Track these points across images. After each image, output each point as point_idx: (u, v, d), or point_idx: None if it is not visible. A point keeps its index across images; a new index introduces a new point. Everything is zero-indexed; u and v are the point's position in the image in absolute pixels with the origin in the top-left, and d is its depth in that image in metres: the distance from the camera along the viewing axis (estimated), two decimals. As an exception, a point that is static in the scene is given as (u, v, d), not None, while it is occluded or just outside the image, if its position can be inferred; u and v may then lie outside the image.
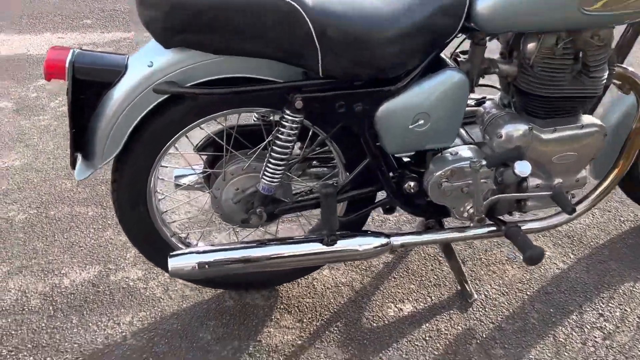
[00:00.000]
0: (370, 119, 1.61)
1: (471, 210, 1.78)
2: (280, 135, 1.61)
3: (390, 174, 1.77)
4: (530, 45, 1.66)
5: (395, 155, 1.76)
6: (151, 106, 1.55)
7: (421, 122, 1.62)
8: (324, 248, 1.74)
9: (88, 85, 1.54)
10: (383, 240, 1.79)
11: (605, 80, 1.71)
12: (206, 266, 1.68)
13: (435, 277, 2.18)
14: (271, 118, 1.81)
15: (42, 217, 2.50)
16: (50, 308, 2.05)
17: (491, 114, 1.81)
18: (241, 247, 1.72)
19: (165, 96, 1.54)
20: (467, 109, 1.89)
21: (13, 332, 1.95)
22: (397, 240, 1.81)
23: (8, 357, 1.87)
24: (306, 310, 2.04)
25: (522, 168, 1.70)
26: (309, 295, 2.09)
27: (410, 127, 1.62)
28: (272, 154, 1.64)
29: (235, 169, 1.76)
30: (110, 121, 1.55)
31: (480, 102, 2.02)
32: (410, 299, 2.08)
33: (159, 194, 1.84)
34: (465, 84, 1.62)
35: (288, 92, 1.54)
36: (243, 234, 2.26)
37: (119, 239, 2.35)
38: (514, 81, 1.75)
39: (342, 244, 1.74)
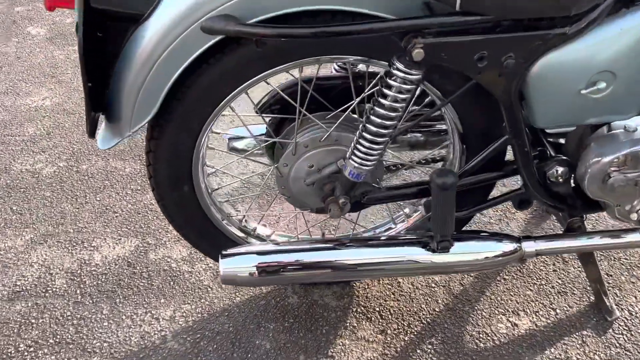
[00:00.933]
0: (522, 78, 1.07)
1: (644, 212, 1.25)
2: (383, 101, 1.09)
3: (533, 156, 1.24)
4: None
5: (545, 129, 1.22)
6: (199, 51, 1.06)
7: (602, 85, 1.07)
8: (432, 256, 1.26)
9: (109, 19, 1.06)
10: (511, 246, 1.30)
11: None
12: (267, 273, 1.24)
13: (560, 280, 1.68)
14: (360, 68, 1.29)
15: (72, 172, 2.11)
16: (78, 292, 1.68)
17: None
18: (316, 247, 1.26)
19: (218, 38, 1.04)
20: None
21: (33, 321, 1.61)
22: (530, 246, 1.31)
23: (26, 353, 1.53)
24: (390, 317, 1.59)
25: None
26: (393, 296, 1.64)
27: (584, 92, 1.07)
28: (369, 126, 1.13)
29: (310, 139, 1.27)
30: (140, 72, 1.07)
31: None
32: (528, 310, 1.60)
33: (208, 167, 1.39)
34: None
35: (403, 34, 1.01)
36: (316, 218, 1.78)
37: (161, 206, 1.93)
38: None
39: (457, 251, 1.25)
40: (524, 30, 1.01)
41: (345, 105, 1.26)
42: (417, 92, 1.12)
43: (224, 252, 1.26)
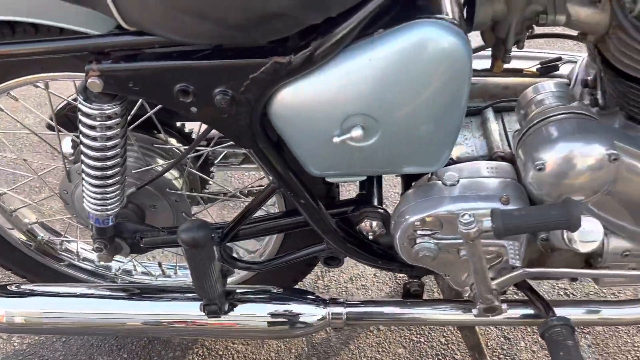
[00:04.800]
0: (258, 117, 0.80)
1: (475, 289, 0.94)
2: (85, 140, 0.87)
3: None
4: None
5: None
6: None
7: (358, 131, 0.78)
8: (203, 319, 1.03)
9: None
10: (313, 312, 1.04)
11: None
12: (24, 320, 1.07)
13: (444, 340, 1.39)
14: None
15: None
16: None
17: (544, 106, 0.89)
18: (77, 293, 1.08)
19: None
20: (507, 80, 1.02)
21: None
22: (338, 313, 1.05)
23: None
24: (230, 364, 1.39)
25: (586, 235, 0.82)
26: (240, 340, 1.43)
27: (338, 139, 0.79)
28: (85, 167, 0.91)
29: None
30: None
31: (548, 66, 1.08)
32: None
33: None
34: (461, 53, 0.73)
35: (80, 57, 0.78)
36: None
37: None
38: (602, 46, 0.82)
39: (235, 315, 1.03)
40: (232, 57, 0.74)
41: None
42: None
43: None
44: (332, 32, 0.72)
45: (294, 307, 1.05)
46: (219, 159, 1.25)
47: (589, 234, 0.83)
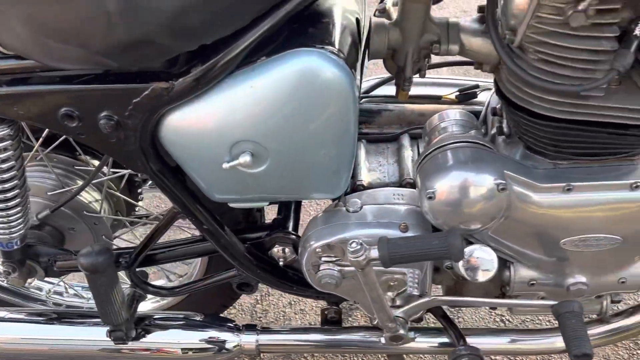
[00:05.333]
0: (148, 143, 0.80)
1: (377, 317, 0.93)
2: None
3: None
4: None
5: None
6: None
7: (246, 158, 0.77)
8: (112, 345, 1.02)
9: None
10: (225, 339, 1.03)
11: None
12: None
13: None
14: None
15: None
16: None
17: (443, 134, 0.89)
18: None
19: None
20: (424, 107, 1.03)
21: None
22: (251, 340, 1.03)
23: None
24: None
25: (479, 264, 0.82)
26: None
27: (228, 165, 0.78)
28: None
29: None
30: None
31: (467, 94, 1.09)
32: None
33: None
34: (340, 82, 0.73)
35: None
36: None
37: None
38: (497, 75, 0.82)
39: (141, 343, 1.01)
40: (114, 82, 0.74)
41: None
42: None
43: None
44: (213, 60, 0.72)
45: (208, 334, 1.03)
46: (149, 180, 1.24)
47: (481, 263, 0.82)
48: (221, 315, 1.17)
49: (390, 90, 1.03)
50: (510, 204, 0.82)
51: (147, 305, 1.31)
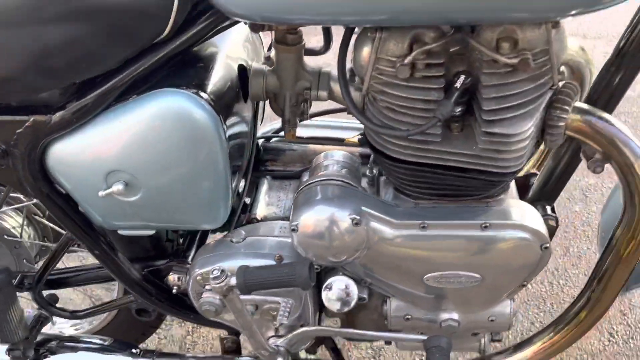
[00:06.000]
0: (37, 172, 0.87)
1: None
2: None
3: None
4: (364, 53, 0.78)
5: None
6: None
7: (118, 186, 0.84)
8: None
9: None
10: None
11: (529, 142, 0.77)
12: None
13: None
14: None
15: None
16: None
17: (322, 172, 0.96)
18: None
19: None
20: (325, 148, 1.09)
21: None
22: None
23: None
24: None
25: (331, 295, 0.87)
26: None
27: (102, 193, 0.85)
28: None
29: None
30: None
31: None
32: None
33: None
34: (202, 121, 0.80)
35: None
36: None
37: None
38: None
39: None
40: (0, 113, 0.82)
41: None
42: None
43: None
44: (88, 97, 0.80)
45: (108, 357, 1.08)
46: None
47: (339, 293, 0.87)
48: (129, 341, 1.21)
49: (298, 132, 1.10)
50: (369, 239, 0.87)
51: (70, 330, 1.36)
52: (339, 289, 0.87)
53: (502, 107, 0.74)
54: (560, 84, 0.78)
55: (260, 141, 1.16)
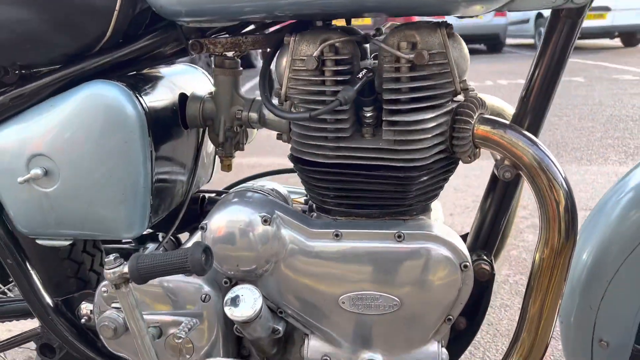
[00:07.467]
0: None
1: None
2: None
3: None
4: (283, 59, 0.86)
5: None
6: None
7: (37, 171, 0.86)
8: None
9: None
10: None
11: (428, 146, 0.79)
12: None
13: None
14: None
15: None
16: None
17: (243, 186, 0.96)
18: None
19: None
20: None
21: None
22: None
23: None
24: None
25: (238, 302, 0.80)
26: None
27: (21, 179, 0.86)
28: None
29: None
30: None
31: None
32: None
33: None
34: (128, 111, 0.84)
35: None
36: None
37: None
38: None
39: None
40: None
41: None
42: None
43: None
44: (27, 86, 0.87)
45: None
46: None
47: (240, 300, 0.80)
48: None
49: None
50: (281, 247, 0.83)
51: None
52: (243, 296, 0.80)
53: (401, 97, 0.78)
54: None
55: (208, 195, 1.17)
